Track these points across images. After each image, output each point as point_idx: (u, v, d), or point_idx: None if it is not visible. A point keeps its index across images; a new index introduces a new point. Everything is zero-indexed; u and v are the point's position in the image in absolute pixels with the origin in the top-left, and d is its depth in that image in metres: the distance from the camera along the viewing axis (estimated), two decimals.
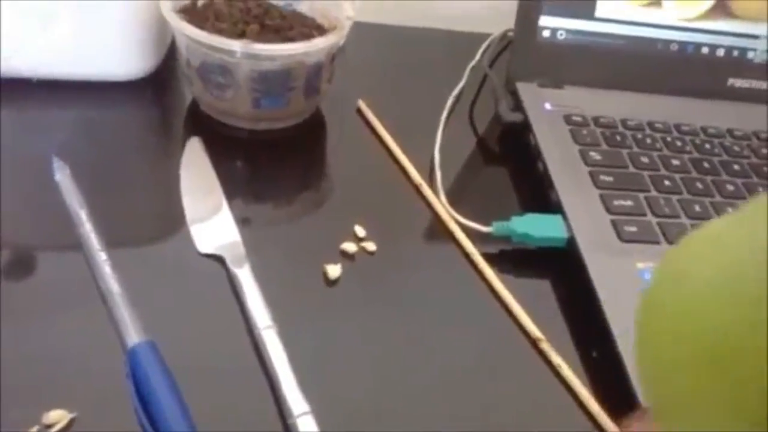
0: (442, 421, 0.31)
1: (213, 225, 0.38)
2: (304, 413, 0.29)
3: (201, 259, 0.37)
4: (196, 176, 0.41)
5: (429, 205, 0.42)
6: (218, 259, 0.36)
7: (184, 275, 0.36)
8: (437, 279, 0.38)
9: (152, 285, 0.34)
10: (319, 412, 0.29)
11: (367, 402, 0.32)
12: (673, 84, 0.51)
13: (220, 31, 0.41)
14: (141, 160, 0.43)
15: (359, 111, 0.48)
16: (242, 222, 0.39)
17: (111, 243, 0.35)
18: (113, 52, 0.45)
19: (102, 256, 0.34)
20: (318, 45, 0.42)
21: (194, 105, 0.46)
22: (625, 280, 0.37)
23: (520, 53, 0.50)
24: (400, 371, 0.33)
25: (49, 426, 0.28)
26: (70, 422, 0.28)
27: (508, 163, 0.47)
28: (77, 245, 0.35)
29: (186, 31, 0.41)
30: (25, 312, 0.33)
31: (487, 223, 0.40)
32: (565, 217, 0.40)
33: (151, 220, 0.39)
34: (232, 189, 0.41)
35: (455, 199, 0.42)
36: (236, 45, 0.40)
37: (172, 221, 0.38)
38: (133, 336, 0.31)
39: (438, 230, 0.41)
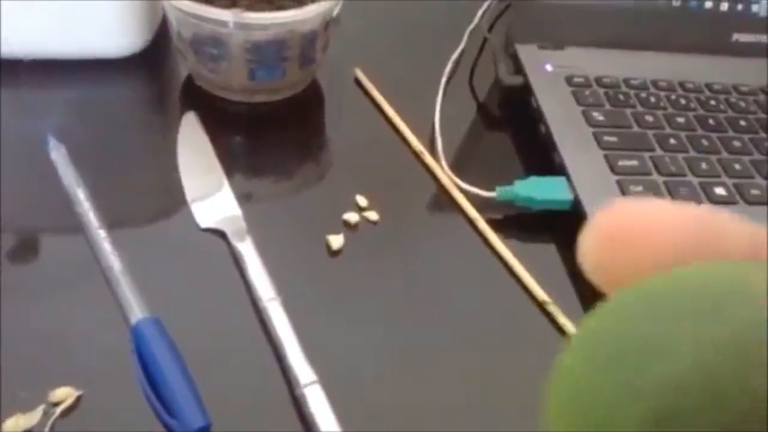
0: (450, 388, 0.31)
1: (212, 199, 0.38)
2: (312, 383, 0.29)
3: (202, 235, 0.36)
4: (194, 151, 0.40)
5: (430, 172, 0.42)
6: (219, 234, 0.36)
7: (186, 251, 0.36)
8: (441, 246, 0.38)
9: (154, 262, 0.34)
10: (325, 381, 0.29)
11: (373, 370, 0.32)
12: (676, 41, 0.50)
13: (210, 2, 0.40)
14: (137, 138, 0.43)
15: (357, 80, 0.47)
16: (242, 196, 0.38)
17: (111, 221, 0.35)
18: (104, 29, 0.44)
19: (101, 234, 0.34)
20: (311, 12, 0.41)
21: (189, 80, 0.46)
22: None
23: (520, 15, 0.49)
24: (406, 339, 0.33)
25: (56, 404, 0.28)
26: (76, 400, 0.28)
27: (510, 127, 0.46)
28: (77, 224, 0.35)
29: (176, 3, 0.40)
30: (28, 292, 0.32)
31: (490, 189, 0.39)
32: (569, 179, 0.39)
33: (150, 197, 0.39)
34: (231, 163, 0.40)
35: (457, 166, 0.42)
36: (227, 15, 0.39)
37: (171, 197, 0.38)
38: (137, 312, 0.31)
39: (440, 197, 0.40)
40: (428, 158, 0.42)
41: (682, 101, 0.46)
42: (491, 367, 0.32)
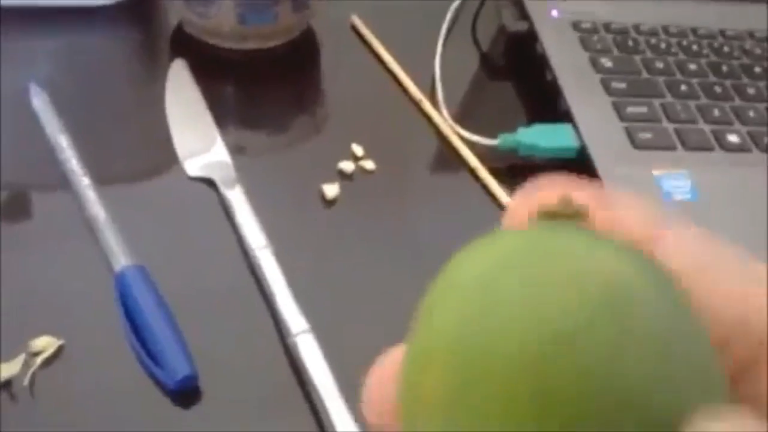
0: None
1: (201, 147, 0.36)
2: (304, 331, 0.28)
3: (190, 183, 0.35)
4: (183, 99, 0.39)
5: (430, 120, 0.40)
6: (209, 182, 0.35)
7: (174, 200, 0.34)
8: (440, 196, 0.36)
9: (141, 211, 0.33)
10: (318, 330, 0.28)
11: (366, 320, 0.30)
12: None
13: None
14: (126, 87, 0.41)
15: (354, 27, 0.45)
16: (234, 145, 0.37)
17: (97, 170, 0.34)
18: None
19: (85, 182, 0.33)
20: None
21: (180, 28, 0.44)
22: (640, 188, 0.35)
23: None
24: (400, 289, 0.32)
25: (37, 353, 0.27)
26: (58, 349, 0.27)
27: (514, 75, 0.45)
28: (60, 174, 0.34)
29: None
30: (9, 241, 0.31)
31: (492, 138, 0.38)
32: (575, 127, 0.38)
33: (137, 146, 0.37)
34: (222, 111, 0.39)
35: (458, 114, 0.40)
36: None
37: (159, 146, 0.37)
38: (121, 260, 0.29)
39: (440, 146, 0.39)
40: (428, 106, 0.40)
41: (695, 47, 0.44)
42: None
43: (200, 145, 0.36)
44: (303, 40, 0.44)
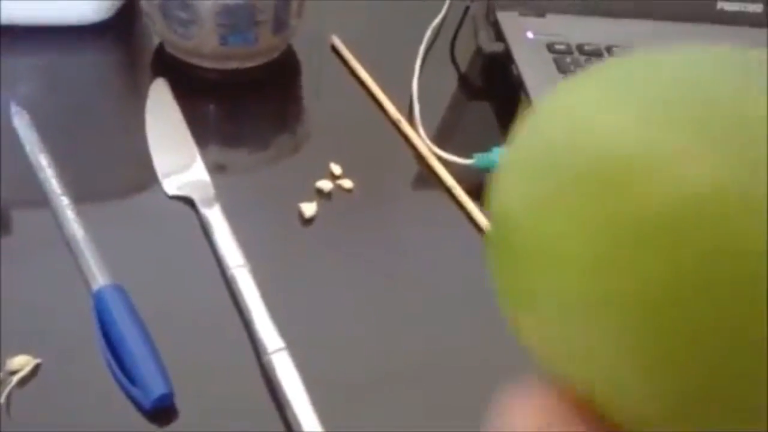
0: (421, 356, 0.31)
1: (181, 167, 0.37)
2: (279, 349, 0.28)
3: (170, 202, 0.35)
4: (163, 119, 0.39)
5: (408, 140, 0.41)
6: (188, 201, 0.35)
7: (153, 219, 0.35)
8: (417, 214, 0.37)
9: (120, 230, 0.33)
10: (294, 349, 0.28)
11: (342, 338, 0.31)
12: (660, 8, 0.49)
13: None
14: (106, 106, 0.41)
15: (333, 48, 0.46)
16: (213, 163, 0.37)
17: (77, 189, 0.34)
18: None
19: (64, 201, 0.33)
20: None
21: (161, 48, 0.44)
22: None
23: None
24: (377, 307, 0.32)
25: (13, 372, 0.27)
26: (34, 368, 0.27)
27: (490, 96, 0.45)
28: (40, 192, 0.34)
29: None
30: None
31: (468, 157, 0.39)
32: None
33: (117, 165, 0.38)
34: (202, 130, 0.39)
35: (436, 134, 0.41)
36: None
37: (140, 165, 0.37)
38: (99, 279, 0.30)
39: (417, 165, 0.40)
40: (405, 126, 0.41)
41: None
42: (463, 335, 0.32)
43: (180, 165, 0.37)
44: (283, 61, 0.45)
